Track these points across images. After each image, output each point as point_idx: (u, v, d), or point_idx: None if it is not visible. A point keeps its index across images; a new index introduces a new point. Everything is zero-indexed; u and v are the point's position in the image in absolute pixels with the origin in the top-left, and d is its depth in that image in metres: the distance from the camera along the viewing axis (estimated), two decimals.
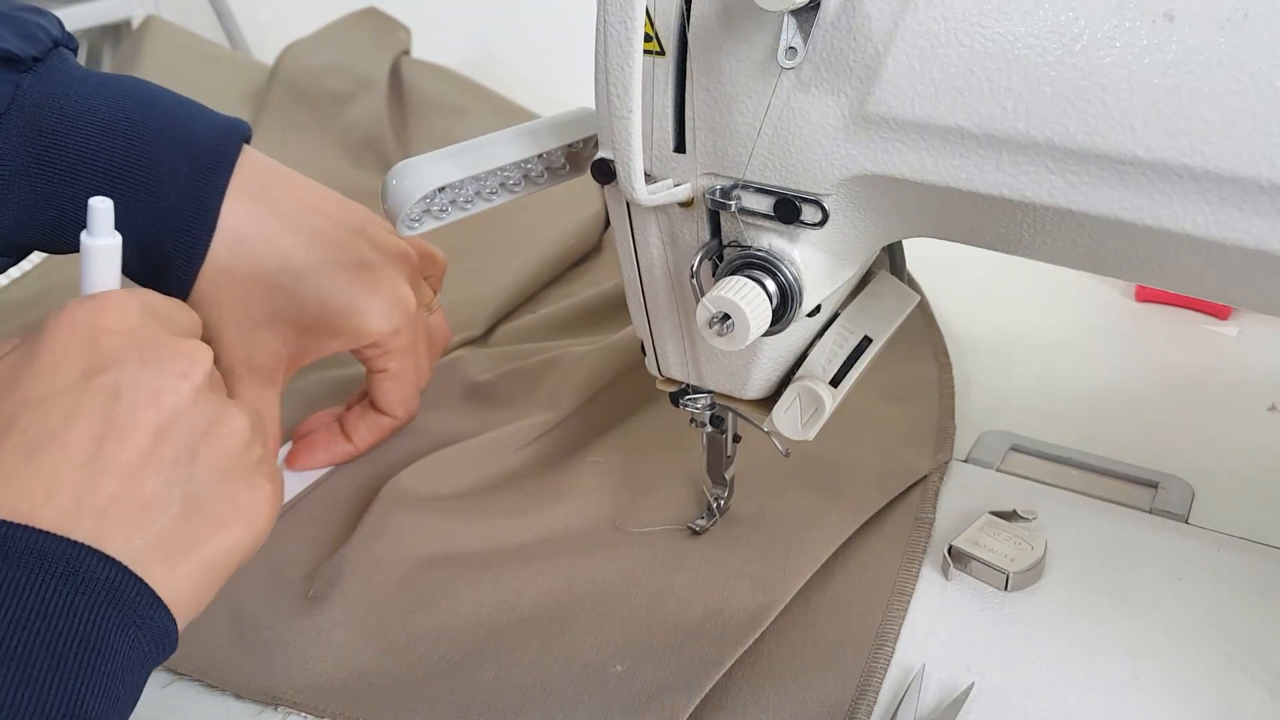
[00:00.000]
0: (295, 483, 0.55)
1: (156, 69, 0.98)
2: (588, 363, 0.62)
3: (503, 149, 0.44)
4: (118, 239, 0.39)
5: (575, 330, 0.70)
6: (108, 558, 0.33)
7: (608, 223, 0.85)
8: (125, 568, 0.33)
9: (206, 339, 0.45)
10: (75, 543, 0.32)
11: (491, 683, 0.44)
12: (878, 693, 0.43)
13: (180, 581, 0.34)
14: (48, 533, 0.32)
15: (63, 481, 0.33)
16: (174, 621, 0.34)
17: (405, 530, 0.51)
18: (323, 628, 0.47)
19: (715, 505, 0.52)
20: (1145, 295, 0.74)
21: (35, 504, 0.32)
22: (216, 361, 0.41)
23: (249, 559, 0.38)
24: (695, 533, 0.51)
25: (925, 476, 0.55)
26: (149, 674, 0.34)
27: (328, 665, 0.45)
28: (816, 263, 0.40)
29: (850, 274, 0.43)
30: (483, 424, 0.59)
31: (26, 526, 0.32)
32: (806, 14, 0.35)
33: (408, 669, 0.45)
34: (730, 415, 0.49)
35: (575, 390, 0.60)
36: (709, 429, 0.49)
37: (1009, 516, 0.53)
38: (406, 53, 0.99)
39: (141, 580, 0.33)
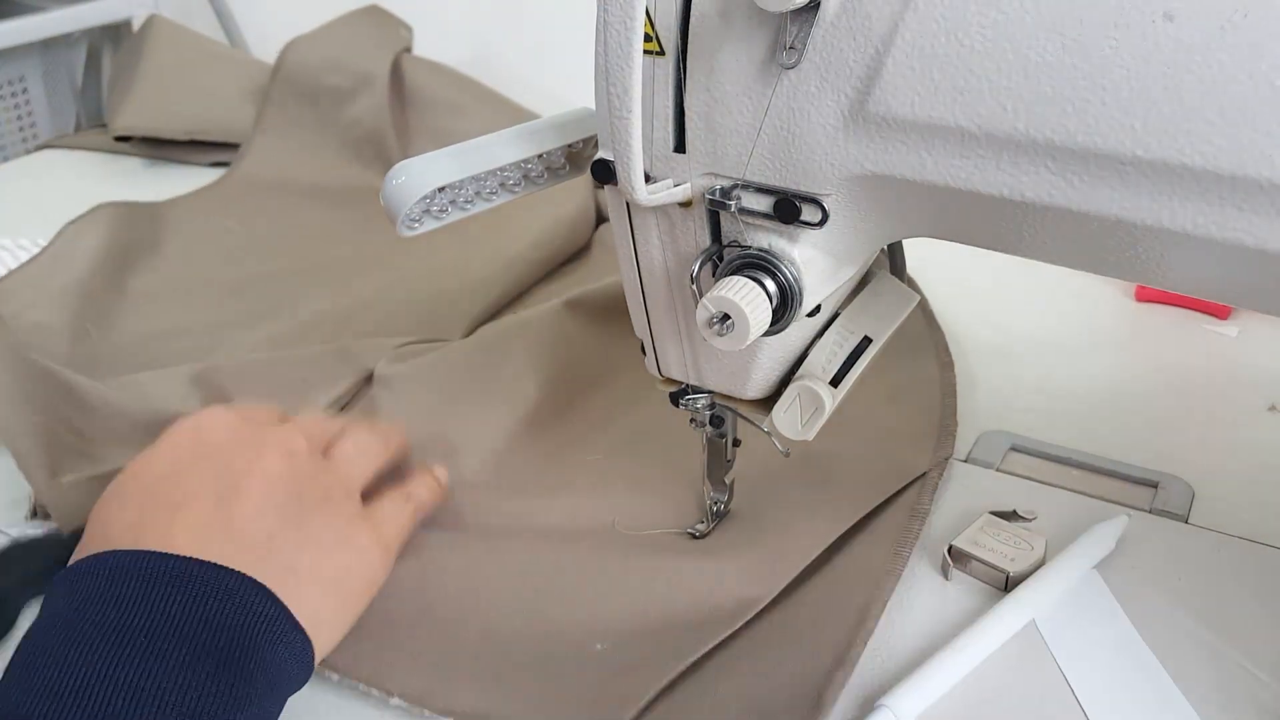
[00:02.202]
0: None
1: (158, 68, 0.98)
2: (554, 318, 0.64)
3: (503, 149, 0.44)
4: None
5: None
6: (257, 582, 0.39)
7: (598, 221, 0.85)
8: (269, 591, 0.39)
9: None
10: (233, 571, 0.39)
11: (474, 644, 0.45)
12: (854, 665, 0.43)
13: (311, 604, 0.41)
14: (212, 563, 0.39)
15: (206, 529, 0.40)
16: (310, 643, 0.40)
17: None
18: None
19: (714, 509, 0.52)
20: (1145, 295, 0.74)
21: (192, 547, 0.39)
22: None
23: (373, 587, 0.45)
24: (695, 537, 0.51)
25: (924, 474, 0.56)
26: (290, 694, 0.40)
27: None
28: (816, 263, 0.40)
29: (850, 274, 0.43)
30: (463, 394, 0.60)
31: (200, 560, 0.39)
32: (806, 14, 0.35)
33: (388, 618, 0.45)
34: (730, 418, 0.49)
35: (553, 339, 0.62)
36: (709, 429, 0.49)
37: (1009, 516, 0.53)
38: (408, 50, 0.99)
39: (281, 602, 0.39)
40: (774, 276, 0.39)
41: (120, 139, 0.98)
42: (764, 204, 0.38)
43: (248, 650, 0.37)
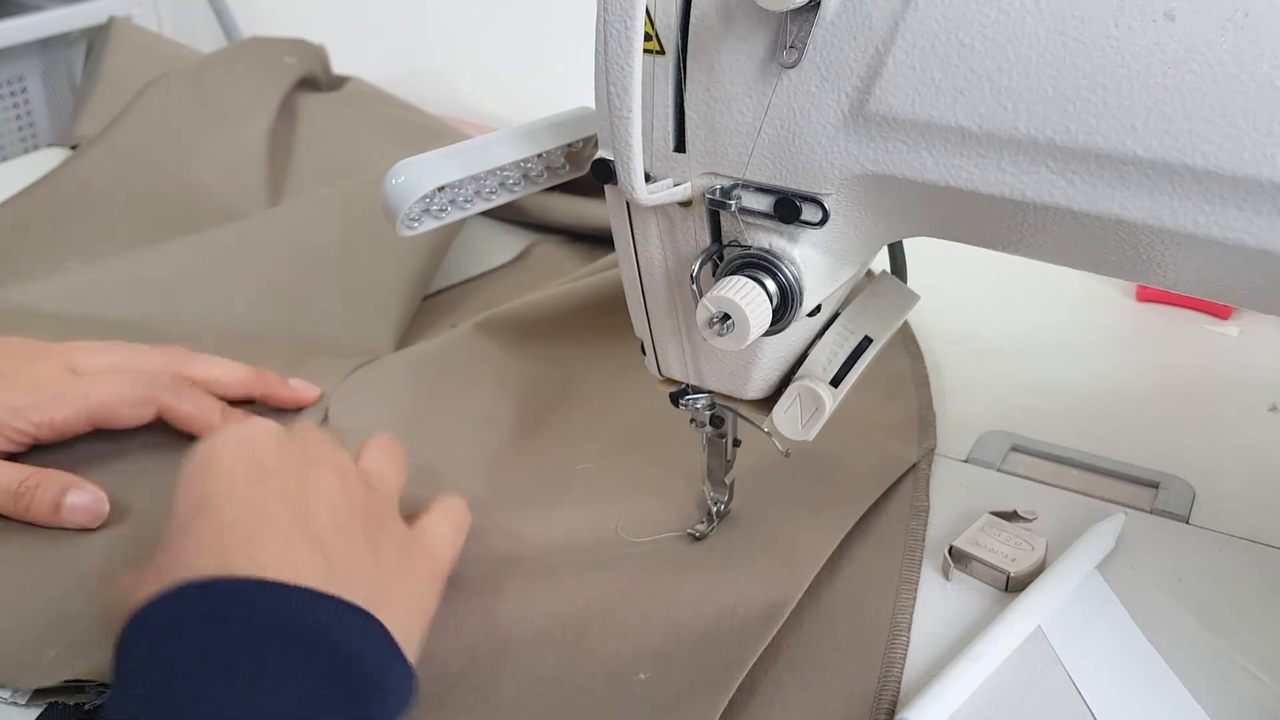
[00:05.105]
0: None
1: (118, 73, 0.94)
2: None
3: (502, 149, 0.44)
4: None
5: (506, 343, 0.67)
6: (362, 610, 0.37)
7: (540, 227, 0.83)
8: (374, 618, 0.37)
9: None
10: (341, 600, 0.36)
11: (514, 699, 0.43)
12: (899, 682, 0.44)
13: (394, 629, 0.38)
14: (321, 592, 0.36)
15: (292, 552, 0.37)
16: (411, 667, 0.38)
17: None
18: None
19: (715, 509, 0.52)
20: (1146, 295, 0.74)
21: (284, 571, 0.36)
22: None
23: (428, 615, 0.43)
24: (696, 538, 0.51)
25: (914, 465, 0.56)
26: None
27: None
28: (817, 262, 0.40)
29: (851, 274, 0.43)
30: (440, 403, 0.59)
31: (308, 589, 0.36)
32: (806, 13, 0.35)
33: (426, 688, 0.44)
34: (730, 418, 0.49)
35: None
36: (709, 429, 0.49)
37: (1010, 517, 0.53)
38: (309, 76, 0.93)
39: (385, 628, 0.37)
40: (774, 276, 0.39)
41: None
42: (764, 203, 0.38)
43: (365, 678, 0.35)
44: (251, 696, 0.33)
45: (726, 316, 0.37)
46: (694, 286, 0.41)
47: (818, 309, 0.42)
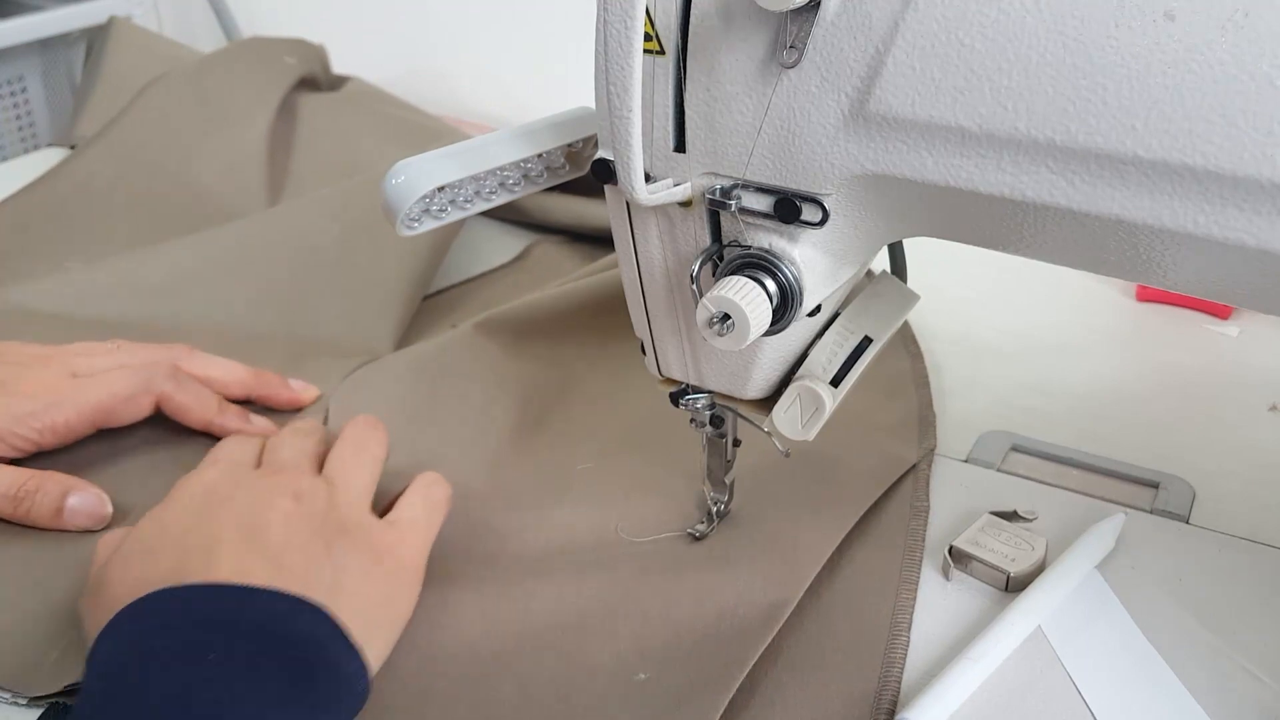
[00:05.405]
0: None
1: (118, 73, 0.95)
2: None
3: (502, 149, 0.44)
4: None
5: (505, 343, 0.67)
6: (316, 603, 0.40)
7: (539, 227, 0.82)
8: (327, 610, 0.40)
9: None
10: (292, 594, 0.40)
11: (514, 700, 0.43)
12: (899, 682, 0.44)
13: (356, 629, 0.41)
14: (273, 589, 0.40)
15: (246, 563, 0.41)
16: (366, 662, 0.41)
17: None
18: None
19: (715, 509, 0.52)
20: (1146, 295, 0.74)
21: (238, 579, 0.40)
22: None
23: (406, 611, 0.45)
24: (696, 538, 0.51)
25: (914, 465, 0.56)
26: (352, 716, 0.40)
27: None
28: (817, 262, 0.40)
29: (851, 274, 0.43)
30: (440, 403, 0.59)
31: (261, 587, 0.39)
32: (807, 13, 0.35)
33: (425, 690, 0.44)
34: (730, 418, 0.49)
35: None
36: (709, 429, 0.49)
37: (1010, 517, 0.53)
38: (308, 76, 0.93)
39: (339, 621, 0.40)
40: (774, 276, 0.39)
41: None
42: (764, 204, 0.38)
43: (318, 663, 0.38)
44: (196, 677, 0.36)
45: (726, 316, 0.38)
46: (694, 286, 0.41)
47: (818, 309, 0.42)
